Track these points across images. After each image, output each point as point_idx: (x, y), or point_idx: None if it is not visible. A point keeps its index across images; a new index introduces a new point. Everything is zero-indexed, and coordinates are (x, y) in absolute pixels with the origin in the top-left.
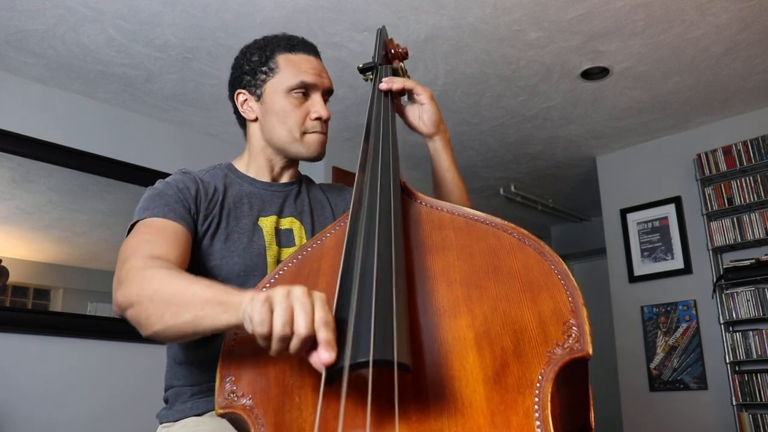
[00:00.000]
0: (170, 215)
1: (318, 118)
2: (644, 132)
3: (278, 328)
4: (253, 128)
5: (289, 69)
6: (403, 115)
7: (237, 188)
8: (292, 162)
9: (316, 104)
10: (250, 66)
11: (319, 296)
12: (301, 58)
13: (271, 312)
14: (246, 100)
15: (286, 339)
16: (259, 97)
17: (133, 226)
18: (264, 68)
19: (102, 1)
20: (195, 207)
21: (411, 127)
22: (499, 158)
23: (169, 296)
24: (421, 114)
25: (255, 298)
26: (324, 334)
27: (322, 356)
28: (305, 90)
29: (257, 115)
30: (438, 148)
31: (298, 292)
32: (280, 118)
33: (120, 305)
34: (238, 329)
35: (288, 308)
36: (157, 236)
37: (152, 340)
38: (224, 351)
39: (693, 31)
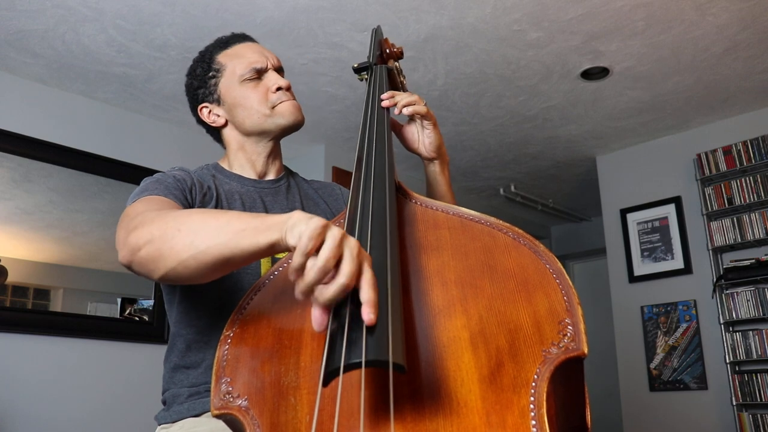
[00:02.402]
0: (170, 196)
1: (279, 89)
2: (644, 132)
3: (321, 260)
4: (227, 132)
5: (233, 61)
6: (399, 134)
7: (227, 187)
8: (274, 154)
9: (272, 78)
10: (198, 79)
11: (368, 257)
12: (238, 47)
13: (321, 239)
14: (210, 110)
15: (324, 273)
16: (218, 101)
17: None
18: (210, 73)
19: (102, 1)
20: (191, 198)
21: (409, 149)
22: (499, 158)
23: (201, 223)
24: (422, 138)
25: (312, 219)
26: (368, 294)
27: (368, 315)
28: (256, 74)
29: (225, 118)
30: (437, 172)
31: (353, 242)
32: (244, 106)
33: (134, 245)
34: (276, 249)
35: (337, 248)
36: (162, 205)
37: (167, 280)
38: (230, 324)
39: (693, 31)
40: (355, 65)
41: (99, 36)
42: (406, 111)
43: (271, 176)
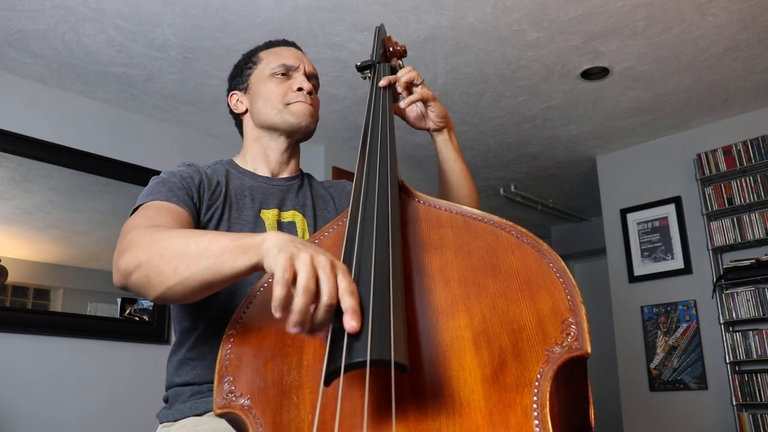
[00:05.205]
0: (174, 199)
1: (300, 89)
2: (644, 132)
3: (301, 299)
4: (245, 120)
5: (270, 57)
6: (404, 116)
7: (238, 182)
8: (289, 153)
9: (298, 78)
10: (237, 69)
11: (342, 266)
12: (281, 49)
13: (293, 269)
14: (237, 98)
15: (309, 305)
16: (246, 90)
17: (135, 210)
18: (248, 64)
19: (102, 1)
20: (198, 196)
21: (416, 127)
22: (499, 158)
23: (182, 248)
24: (427, 112)
25: (280, 252)
26: (349, 302)
27: (349, 324)
28: (286, 72)
29: (246, 106)
30: (446, 139)
31: (324, 260)
32: (264, 98)
33: (125, 270)
34: (256, 270)
35: (312, 272)
36: (161, 213)
37: (160, 302)
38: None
39: (693, 31)
40: (359, 63)
41: (99, 36)
42: (405, 94)
43: (284, 175)
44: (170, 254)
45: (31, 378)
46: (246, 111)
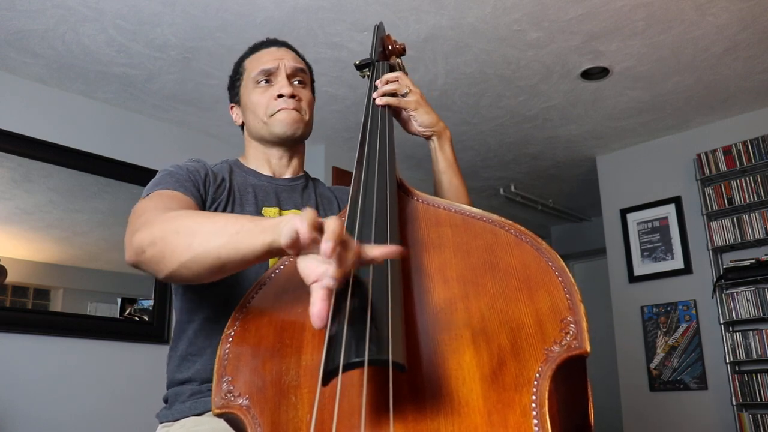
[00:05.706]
0: (181, 189)
1: (280, 96)
2: (644, 132)
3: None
4: (245, 131)
5: (252, 64)
6: (397, 118)
7: (242, 179)
8: (289, 156)
9: (277, 84)
10: (230, 81)
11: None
12: (263, 52)
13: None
14: (235, 112)
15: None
16: (239, 103)
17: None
18: (237, 76)
19: (102, 1)
20: (204, 189)
21: (408, 131)
22: (499, 158)
23: (198, 226)
24: (414, 119)
25: (304, 211)
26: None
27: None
28: (267, 77)
29: (242, 119)
30: (435, 149)
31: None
32: (251, 110)
33: (138, 247)
34: (272, 250)
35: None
36: (171, 200)
37: (172, 280)
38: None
39: (693, 31)
40: (357, 62)
41: (99, 36)
42: (380, 101)
43: (288, 175)
44: (186, 231)
45: (31, 378)
46: (243, 123)
